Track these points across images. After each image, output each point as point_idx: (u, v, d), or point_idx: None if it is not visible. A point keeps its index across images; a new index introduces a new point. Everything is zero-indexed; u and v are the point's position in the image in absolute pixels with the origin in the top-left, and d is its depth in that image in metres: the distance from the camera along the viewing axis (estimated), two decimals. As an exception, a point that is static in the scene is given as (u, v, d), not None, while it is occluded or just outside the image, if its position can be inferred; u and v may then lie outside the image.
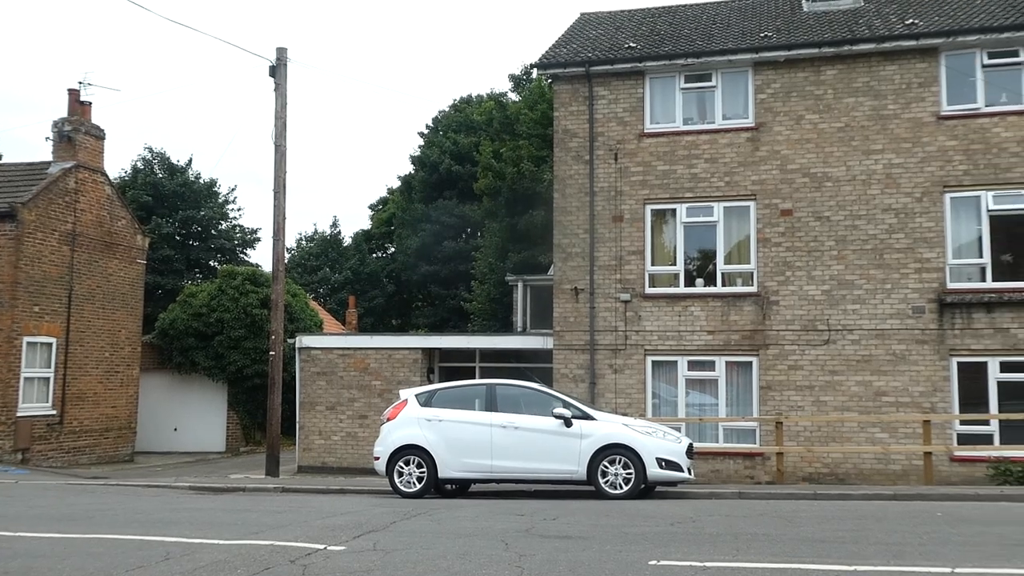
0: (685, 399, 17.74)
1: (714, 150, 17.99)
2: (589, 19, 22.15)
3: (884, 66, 17.29)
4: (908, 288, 16.76)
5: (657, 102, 18.53)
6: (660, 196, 18.19)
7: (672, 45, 18.79)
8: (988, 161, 16.63)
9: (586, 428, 13.02)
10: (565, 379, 18.15)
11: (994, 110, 16.74)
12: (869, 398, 16.69)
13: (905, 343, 16.66)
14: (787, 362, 17.16)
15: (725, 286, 17.84)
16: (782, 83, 17.78)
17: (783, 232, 17.47)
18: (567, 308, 18.40)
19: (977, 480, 15.46)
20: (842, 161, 17.31)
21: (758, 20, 19.60)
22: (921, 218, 16.85)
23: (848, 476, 16.49)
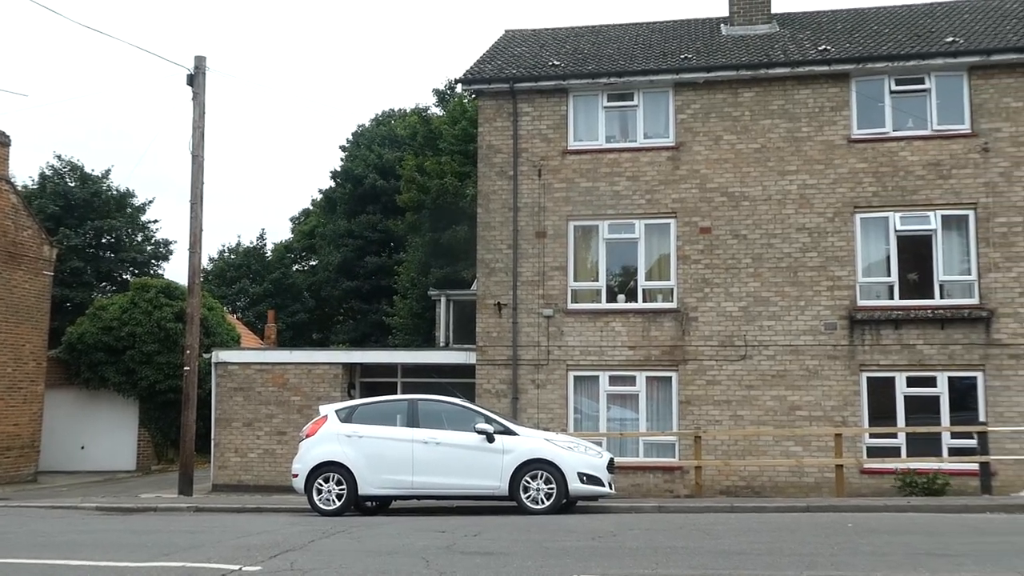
0: (606, 414, 17.89)
1: (636, 168, 18.27)
2: (514, 36, 22.31)
3: (798, 90, 17.85)
4: (821, 305, 17.26)
5: (580, 120, 18.74)
6: (583, 213, 18.36)
7: (595, 64, 19.05)
8: (896, 183, 17.29)
9: (508, 443, 13.00)
10: (488, 394, 18.11)
11: (901, 134, 17.43)
12: (784, 412, 17.10)
13: (818, 359, 17.14)
14: (706, 377, 17.47)
15: (646, 302, 18.09)
16: (701, 104, 18.18)
17: (702, 250, 17.82)
18: (490, 323, 18.40)
19: (885, 491, 15.96)
20: (758, 181, 17.76)
21: (679, 42, 20.03)
22: (833, 237, 17.39)
23: (764, 489, 16.84)
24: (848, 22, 20.13)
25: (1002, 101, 17.08)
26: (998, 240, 16.79)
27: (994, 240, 16.80)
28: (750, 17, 20.33)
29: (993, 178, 16.93)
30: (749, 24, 20.26)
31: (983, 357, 16.60)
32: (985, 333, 16.62)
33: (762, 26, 20.19)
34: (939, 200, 17.11)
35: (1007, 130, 17.00)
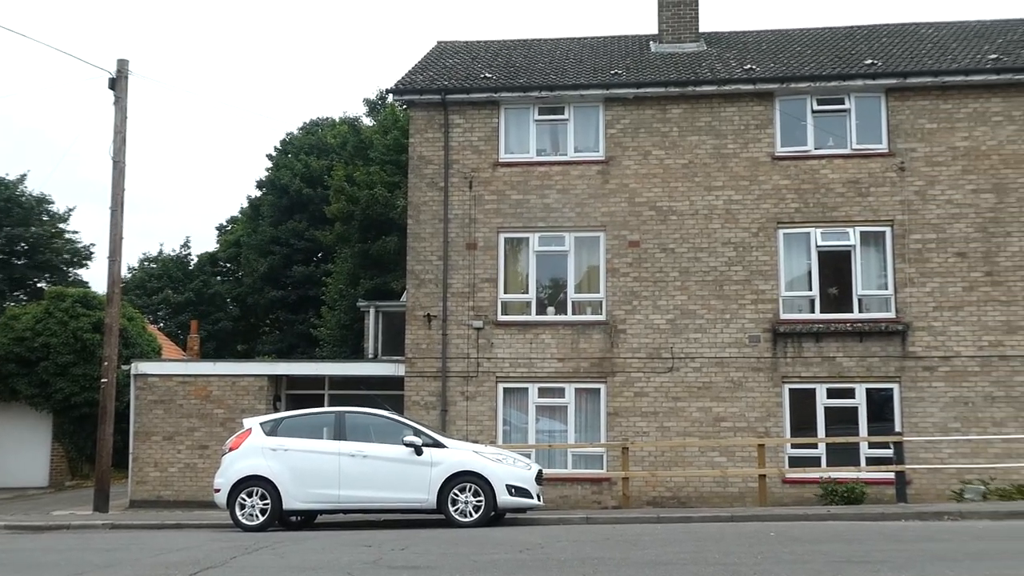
0: (535, 426, 17.92)
1: (566, 181, 18.40)
2: (446, 48, 22.30)
3: (725, 107, 18.23)
4: (745, 318, 17.61)
5: (512, 132, 18.81)
6: (514, 225, 18.41)
7: (527, 78, 19.16)
8: (817, 200, 17.78)
9: (437, 456, 12.91)
10: (416, 406, 17.97)
11: (822, 152, 17.94)
12: (709, 423, 17.37)
13: (742, 371, 17.47)
14: (633, 389, 17.64)
15: (575, 314, 18.21)
16: (631, 119, 18.42)
17: (631, 263, 18.02)
18: (419, 335, 18.28)
19: (807, 500, 16.32)
20: (686, 196, 18.06)
21: (609, 58, 20.28)
22: (757, 252, 17.78)
23: (689, 499, 17.06)
24: (773, 43, 20.67)
25: (917, 122, 17.72)
26: (913, 256, 17.38)
27: (909, 256, 17.39)
28: (678, 35, 20.71)
29: (909, 196, 17.54)
30: (678, 42, 20.64)
31: (899, 369, 17.14)
32: (901, 346, 17.17)
33: (690, 44, 20.58)
34: (858, 217, 17.65)
35: (922, 150, 17.63)
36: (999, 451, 16.57)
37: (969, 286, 17.18)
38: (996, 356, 16.94)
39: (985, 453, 16.58)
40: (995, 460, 16.44)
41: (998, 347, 16.96)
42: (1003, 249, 17.19)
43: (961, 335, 17.07)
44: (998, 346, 16.96)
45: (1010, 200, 17.30)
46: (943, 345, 17.08)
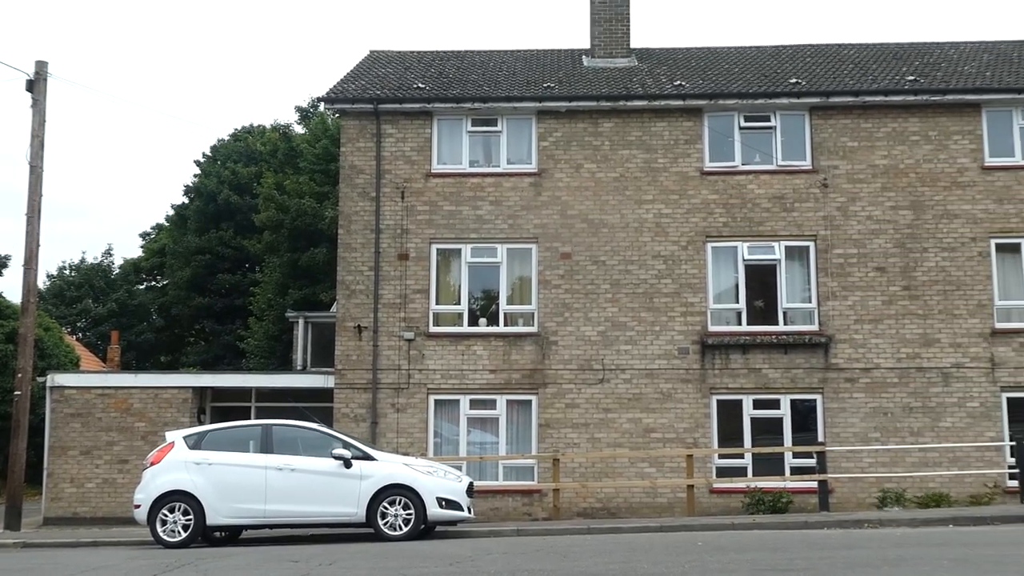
0: (467, 438, 17.85)
1: (499, 193, 18.43)
2: (379, 57, 22.17)
3: (655, 122, 18.49)
4: (675, 330, 17.85)
5: (444, 143, 18.77)
6: (446, 236, 18.35)
7: (460, 89, 19.15)
8: (744, 215, 18.15)
9: (366, 469, 12.75)
10: (346, 419, 17.73)
11: (749, 168, 18.33)
12: (639, 434, 17.53)
13: (672, 382, 17.69)
14: (565, 400, 17.71)
15: (507, 326, 18.22)
16: (563, 132, 18.56)
17: (563, 275, 18.12)
18: (350, 346, 18.05)
19: (733, 509, 16.58)
20: (617, 209, 18.25)
21: (542, 71, 20.42)
22: (686, 265, 18.05)
23: (619, 510, 17.17)
24: (702, 60, 21.08)
25: (840, 140, 18.24)
26: (835, 270, 17.86)
27: (832, 270, 17.87)
28: (610, 50, 20.96)
29: (831, 212, 18.03)
30: (609, 57, 20.88)
31: (822, 380, 17.57)
32: (824, 358, 17.61)
33: (621, 60, 20.85)
34: (783, 231, 18.06)
35: (844, 167, 18.16)
36: (916, 460, 17.10)
37: (888, 300, 17.72)
38: (913, 368, 17.49)
39: (903, 462, 17.09)
40: (912, 469, 16.96)
41: (915, 359, 17.51)
42: (920, 264, 17.79)
43: (881, 347, 17.59)
44: (915, 358, 17.52)
45: (927, 217, 17.92)
46: (864, 357, 17.57)
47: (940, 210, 17.91)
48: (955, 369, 17.42)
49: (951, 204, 17.91)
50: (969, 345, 17.49)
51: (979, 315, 17.56)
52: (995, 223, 17.84)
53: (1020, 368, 17.40)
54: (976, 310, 17.57)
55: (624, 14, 21.06)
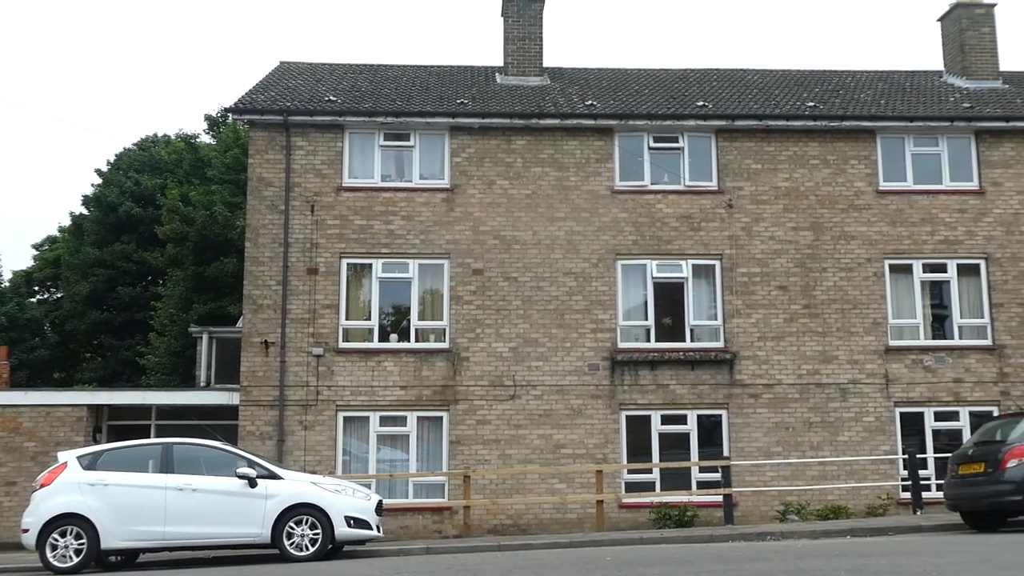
0: (376, 455, 17.61)
1: (411, 208, 18.33)
2: (289, 68, 21.83)
3: (567, 141, 18.71)
4: (585, 347, 18.02)
5: (356, 157, 18.59)
6: (357, 251, 18.14)
7: (372, 102, 19.01)
8: (653, 233, 18.49)
9: (272, 488, 12.43)
10: (252, 437, 17.28)
11: (658, 188, 18.70)
12: (550, 450, 17.60)
13: (582, 398, 17.84)
14: (476, 417, 17.66)
15: (419, 342, 18.09)
16: (476, 148, 18.60)
17: (475, 291, 18.10)
18: (256, 362, 17.62)
19: (642, 524, 16.78)
20: (529, 226, 18.36)
21: (455, 87, 20.44)
22: (597, 282, 18.26)
23: (530, 526, 17.18)
24: (613, 81, 21.45)
25: (744, 162, 18.79)
26: (740, 288, 18.35)
27: (737, 288, 18.35)
28: (523, 69, 21.14)
29: (736, 232, 18.54)
30: (523, 75, 21.06)
31: (727, 396, 17.98)
32: (729, 374, 18.03)
33: (534, 78, 21.05)
34: (690, 250, 18.47)
35: (748, 189, 18.70)
36: (816, 473, 17.64)
37: (790, 318, 18.28)
38: (813, 384, 18.07)
39: (804, 475, 17.61)
40: (812, 482, 17.49)
41: (815, 375, 18.11)
42: (819, 284, 18.43)
43: (783, 364, 18.13)
44: (815, 374, 18.11)
45: (825, 238, 18.59)
46: (767, 373, 18.08)
47: (838, 231, 18.61)
48: (852, 385, 18.08)
49: (848, 226, 18.63)
50: (865, 362, 18.18)
51: (874, 333, 18.28)
52: (889, 245, 18.63)
53: (912, 384, 18.17)
54: (871, 328, 18.29)
55: (537, 33, 21.30)
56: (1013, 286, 18.53)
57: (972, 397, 18.16)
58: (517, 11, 21.26)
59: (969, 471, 13.20)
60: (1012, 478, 12.32)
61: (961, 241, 18.69)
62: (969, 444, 14.24)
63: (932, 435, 18.07)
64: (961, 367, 18.27)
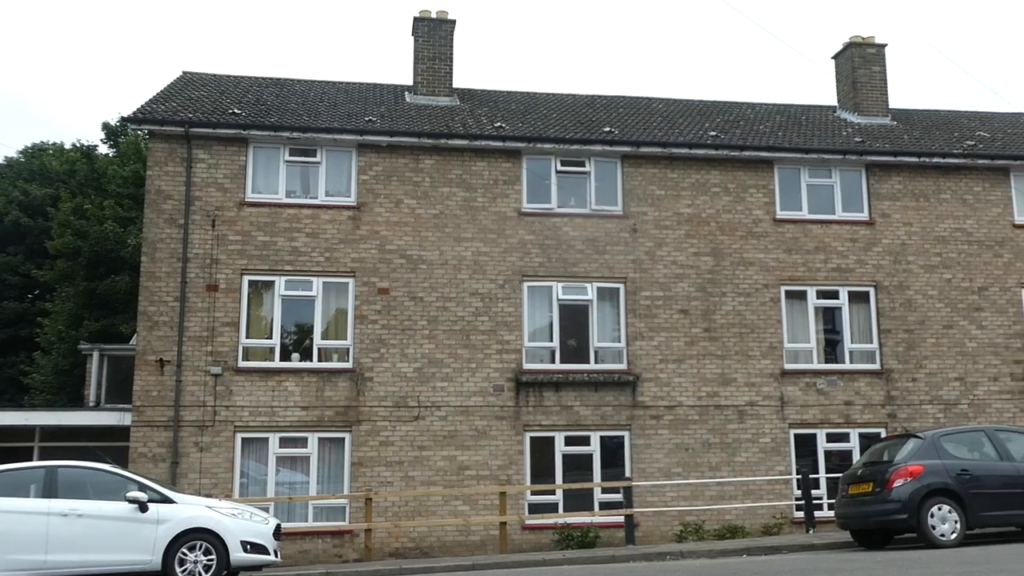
0: (276, 477, 17.15)
1: (316, 225, 18.03)
2: (192, 79, 21.28)
3: (475, 162, 18.76)
4: (491, 368, 18.00)
5: (260, 172, 18.21)
6: (259, 267, 17.72)
7: (278, 117, 18.68)
8: (559, 256, 18.66)
9: (164, 512, 11.94)
10: (144, 459, 16.60)
11: (565, 211, 18.91)
12: (453, 472, 17.47)
13: (487, 419, 17.79)
14: (379, 438, 17.41)
15: (322, 361, 17.75)
16: (384, 167, 18.46)
17: (380, 310, 17.90)
18: (150, 381, 16.98)
19: (545, 546, 16.79)
20: (436, 246, 18.30)
21: (364, 105, 20.28)
22: (503, 303, 18.30)
23: (432, 549, 16.98)
24: (522, 104, 21.64)
25: (648, 188, 19.19)
26: (643, 311, 18.66)
27: (640, 311, 18.66)
28: (433, 89, 21.14)
29: (640, 256, 18.88)
30: (432, 95, 21.05)
31: (629, 418, 18.22)
32: (631, 396, 18.29)
33: (444, 98, 21.07)
34: (595, 273, 18.71)
35: (652, 214, 19.09)
36: (714, 494, 18.01)
37: (690, 341, 18.68)
38: (712, 405, 18.49)
39: (702, 496, 17.95)
40: (711, 502, 17.84)
41: (714, 397, 18.53)
42: (719, 308, 18.90)
43: (683, 386, 18.49)
44: (714, 396, 18.54)
45: (725, 264, 19.10)
46: (668, 395, 18.40)
47: (737, 258, 19.15)
48: (749, 407, 18.57)
49: (747, 252, 19.20)
50: (762, 384, 18.70)
51: (770, 356, 18.84)
52: (785, 271, 19.27)
53: (805, 406, 18.78)
54: (768, 351, 18.85)
55: (447, 54, 21.36)
56: (899, 313, 19.41)
57: (861, 419, 18.88)
58: (428, 31, 21.29)
59: (858, 490, 13.70)
60: (898, 497, 12.84)
61: (852, 269, 19.49)
62: (858, 464, 14.79)
63: (824, 456, 18.70)
64: (851, 390, 18.99)
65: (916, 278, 19.59)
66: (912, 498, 12.73)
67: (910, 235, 19.77)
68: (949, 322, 19.49)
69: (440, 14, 21.40)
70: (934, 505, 12.72)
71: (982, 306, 19.63)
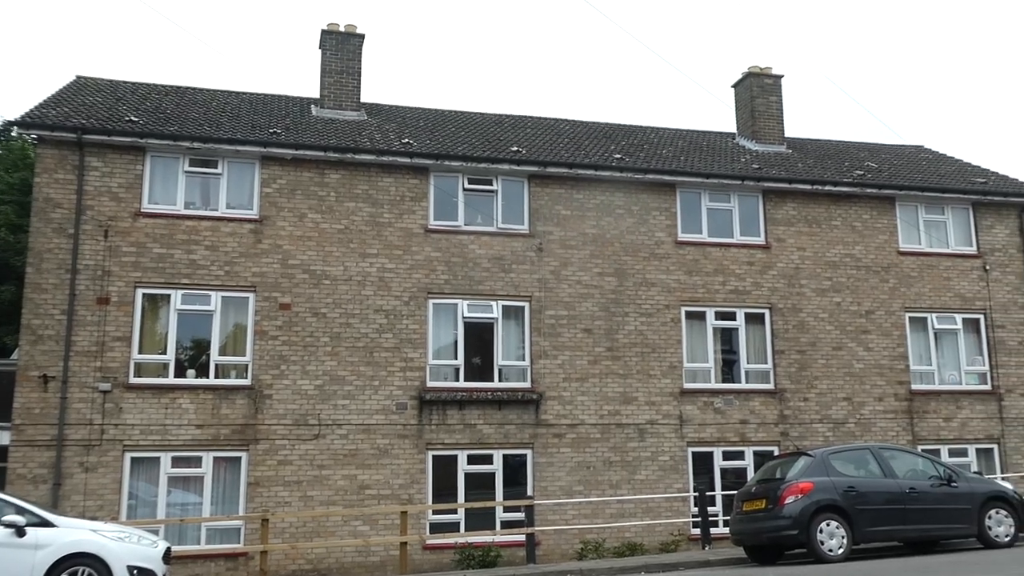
0: (167, 498, 16.52)
1: (216, 238, 17.55)
2: (87, 83, 20.49)
3: (382, 177, 18.61)
4: (394, 385, 17.81)
5: (157, 181, 17.63)
6: (154, 280, 17.13)
7: (178, 126, 18.15)
8: (465, 273, 18.64)
9: (44, 537, 11.32)
10: (23, 480, 15.76)
11: (471, 229, 18.92)
12: (354, 491, 17.17)
13: (389, 438, 17.57)
14: (277, 457, 16.98)
15: (219, 378, 17.24)
16: (288, 180, 18.12)
17: (281, 326, 17.51)
18: (32, 398, 16.16)
19: (445, 566, 16.65)
20: (340, 261, 18.04)
21: (268, 116, 19.90)
22: (408, 320, 18.15)
23: (331, 571, 16.63)
24: (430, 120, 21.61)
25: (554, 208, 19.37)
26: (547, 330, 18.79)
27: (544, 330, 18.78)
28: (340, 102, 20.91)
29: (545, 275, 19.02)
30: (339, 109, 20.82)
31: (532, 436, 18.28)
32: (535, 414, 18.35)
33: (351, 112, 20.86)
34: (501, 291, 18.76)
35: (558, 234, 19.27)
36: (614, 511, 18.20)
37: (593, 360, 18.89)
38: (614, 424, 18.71)
39: (603, 513, 18.12)
40: (611, 520, 18.03)
41: (616, 416, 18.76)
42: (622, 328, 19.19)
43: (586, 404, 18.67)
44: (616, 415, 18.77)
45: (628, 284, 19.42)
46: (570, 413, 18.54)
47: (640, 278, 19.50)
48: (649, 425, 18.87)
49: (649, 273, 19.58)
50: (662, 403, 19.04)
51: (670, 376, 19.21)
52: (685, 292, 19.71)
53: (703, 425, 19.19)
54: (668, 371, 19.22)
55: (355, 68, 21.18)
56: (793, 335, 20.07)
57: (756, 437, 19.41)
58: (336, 45, 21.08)
59: (752, 507, 14.05)
60: (789, 513, 13.22)
61: (749, 291, 20.08)
62: (752, 482, 15.19)
63: (720, 473, 19.13)
64: (747, 409, 19.51)
65: (808, 301, 20.31)
66: (802, 514, 13.14)
67: (803, 259, 20.51)
68: (838, 344, 20.26)
69: (348, 28, 21.22)
70: (823, 521, 13.16)
71: (869, 329, 20.48)
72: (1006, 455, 20.59)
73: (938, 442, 20.23)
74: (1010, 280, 21.52)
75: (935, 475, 14.18)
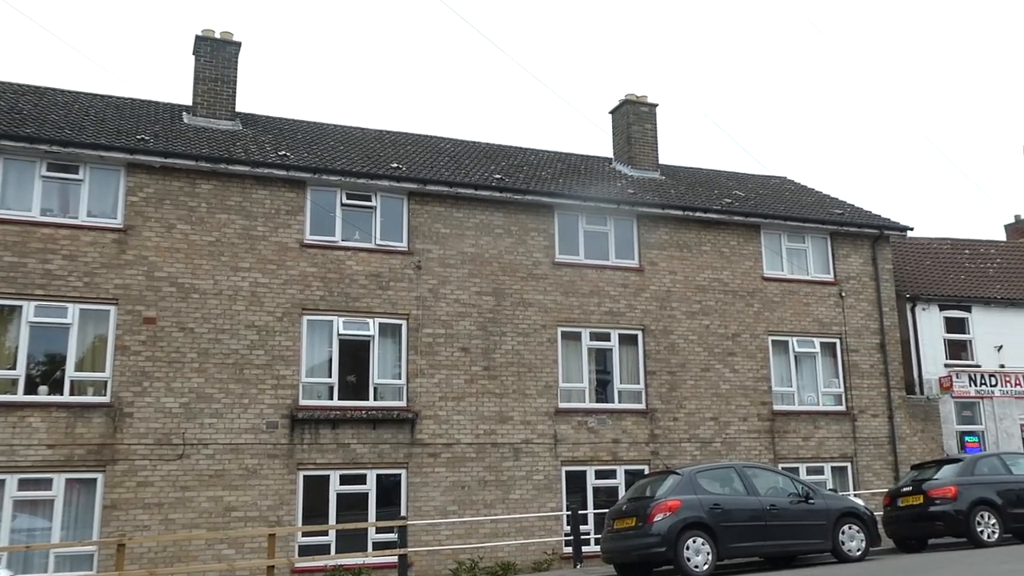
0: (11, 524, 15.43)
1: (75, 247, 16.64)
2: (-65, 78, 19.11)
3: (257, 189, 18.10)
4: (264, 403, 17.26)
5: (11, 186, 16.59)
6: (5, 291, 16.07)
7: (35, 128, 17.15)
8: (341, 290, 18.31)
9: None
10: None
11: (349, 244, 18.61)
12: (220, 514, 16.51)
13: (258, 457, 17.00)
14: (137, 478, 16.16)
15: (74, 395, 16.28)
16: (156, 189, 17.39)
17: (144, 341, 16.73)
18: None
19: (314, 590, 16.17)
20: (210, 275, 17.41)
21: (136, 122, 19.07)
22: (280, 337, 17.66)
23: (192, 598, 15.89)
24: (308, 133, 21.20)
25: (434, 226, 19.31)
26: (425, 349, 18.65)
27: (422, 348, 18.63)
28: (214, 111, 20.27)
29: (423, 293, 18.90)
30: (213, 117, 20.17)
31: (407, 455, 18.06)
32: (410, 433, 18.15)
33: (225, 122, 20.24)
34: (378, 309, 18.51)
35: (436, 252, 19.20)
36: (488, 531, 18.17)
37: (470, 379, 18.87)
38: (489, 443, 18.71)
39: (477, 533, 18.05)
40: (485, 539, 17.98)
41: (491, 435, 18.77)
42: (499, 347, 19.25)
43: (462, 423, 18.60)
44: (491, 434, 18.77)
45: (506, 304, 19.53)
46: (446, 433, 18.43)
47: (517, 298, 19.64)
48: (524, 444, 18.96)
49: (527, 293, 19.74)
50: (537, 423, 19.18)
51: (546, 395, 19.39)
52: (562, 313, 19.97)
53: (577, 444, 19.44)
54: (544, 390, 19.39)
55: (231, 76, 20.58)
56: (664, 356, 20.63)
57: (628, 456, 19.80)
58: (210, 51, 20.44)
59: (623, 525, 14.29)
60: (658, 531, 13.52)
61: (623, 313, 20.52)
62: (623, 500, 15.46)
63: (593, 492, 19.40)
64: (619, 428, 19.89)
65: (679, 323, 20.94)
66: (670, 531, 13.46)
67: (674, 283, 21.14)
68: (706, 365, 20.95)
69: (224, 35, 20.61)
70: (690, 538, 13.52)
71: (735, 351, 21.27)
72: (858, 472, 21.75)
73: (797, 460, 21.15)
74: (863, 307, 22.81)
75: (794, 492, 14.81)
